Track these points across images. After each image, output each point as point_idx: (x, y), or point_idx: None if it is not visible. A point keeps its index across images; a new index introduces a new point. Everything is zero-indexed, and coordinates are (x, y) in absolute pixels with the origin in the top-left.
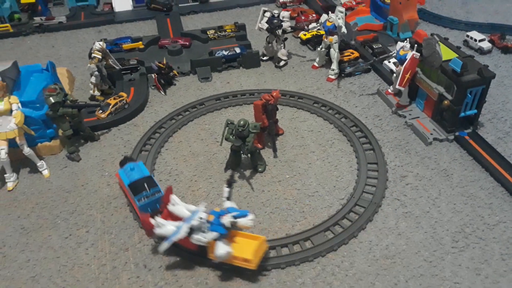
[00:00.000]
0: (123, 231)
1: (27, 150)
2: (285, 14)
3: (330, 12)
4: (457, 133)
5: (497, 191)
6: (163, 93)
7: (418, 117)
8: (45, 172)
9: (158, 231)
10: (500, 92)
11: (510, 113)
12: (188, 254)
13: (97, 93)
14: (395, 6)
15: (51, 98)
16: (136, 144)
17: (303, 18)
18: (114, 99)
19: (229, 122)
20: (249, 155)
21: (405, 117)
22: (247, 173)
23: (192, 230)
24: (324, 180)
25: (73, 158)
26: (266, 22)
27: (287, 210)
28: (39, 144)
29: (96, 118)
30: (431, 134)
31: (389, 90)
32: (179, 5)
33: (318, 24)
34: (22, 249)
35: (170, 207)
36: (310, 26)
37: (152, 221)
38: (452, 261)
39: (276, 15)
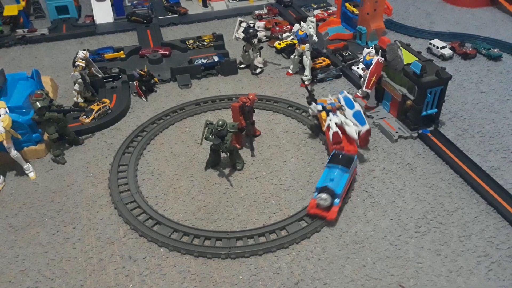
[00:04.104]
0: (108, 226)
1: (14, 153)
2: (260, 24)
3: (302, 22)
4: (420, 131)
5: (456, 181)
6: (144, 99)
7: (385, 117)
8: (31, 175)
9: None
10: (460, 94)
11: (469, 112)
12: (175, 246)
13: (80, 100)
14: (363, 16)
15: (37, 102)
16: (119, 147)
17: (277, 29)
18: (98, 105)
19: (208, 123)
20: (228, 153)
21: (372, 117)
22: (226, 171)
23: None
24: (298, 175)
25: (59, 160)
26: (242, 32)
27: (264, 203)
28: (25, 148)
29: (80, 123)
30: (397, 132)
31: (358, 94)
32: (159, 17)
33: (291, 34)
34: (11, 246)
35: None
36: (284, 36)
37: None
38: (415, 244)
39: (251, 25)
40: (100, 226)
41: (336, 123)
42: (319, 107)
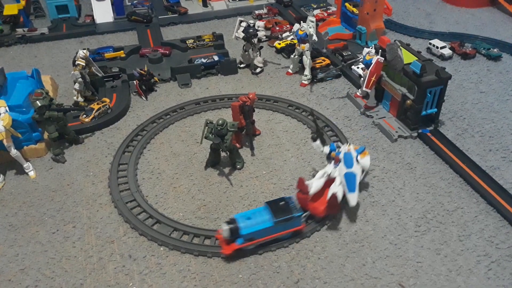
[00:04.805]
0: (108, 225)
1: (14, 152)
2: (260, 23)
3: (302, 21)
4: (420, 131)
5: (455, 181)
6: (144, 98)
7: (385, 117)
8: (31, 173)
9: (340, 197)
10: (460, 94)
11: (468, 112)
12: (175, 245)
13: (80, 99)
14: (363, 16)
15: (37, 101)
16: (119, 146)
17: (277, 28)
18: (98, 104)
19: (208, 122)
20: (228, 153)
21: (372, 117)
22: (226, 170)
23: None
24: (298, 175)
25: (59, 159)
26: (242, 32)
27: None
28: (25, 147)
29: (80, 122)
30: (396, 132)
31: (358, 93)
32: (159, 17)
33: (291, 33)
34: (10, 245)
35: (312, 191)
36: (284, 35)
37: (329, 197)
38: (415, 243)
39: (251, 25)
40: (100, 225)
41: (329, 174)
42: (326, 150)
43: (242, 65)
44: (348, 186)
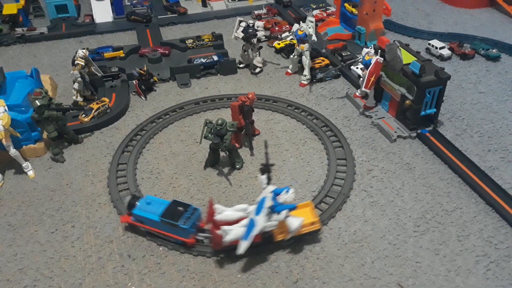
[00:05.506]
0: (107, 225)
1: (13, 151)
2: (259, 23)
3: (301, 22)
4: (419, 131)
5: (454, 181)
6: (143, 98)
7: (384, 117)
8: (30, 173)
9: (228, 238)
10: (459, 94)
11: (467, 112)
12: (174, 245)
13: (79, 99)
14: (362, 17)
15: (36, 101)
16: (119, 146)
17: (277, 28)
18: (97, 104)
19: (207, 121)
20: (227, 152)
21: (371, 117)
22: (226, 170)
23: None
24: (297, 175)
25: (58, 159)
26: (242, 32)
27: None
28: (24, 147)
29: (80, 122)
30: (395, 132)
31: (357, 93)
32: (158, 17)
33: (290, 34)
34: (9, 244)
35: (218, 217)
36: (283, 35)
37: (219, 232)
38: (414, 243)
39: (251, 24)
40: (99, 224)
41: (248, 212)
42: (268, 188)
43: (241, 65)
44: (246, 231)
